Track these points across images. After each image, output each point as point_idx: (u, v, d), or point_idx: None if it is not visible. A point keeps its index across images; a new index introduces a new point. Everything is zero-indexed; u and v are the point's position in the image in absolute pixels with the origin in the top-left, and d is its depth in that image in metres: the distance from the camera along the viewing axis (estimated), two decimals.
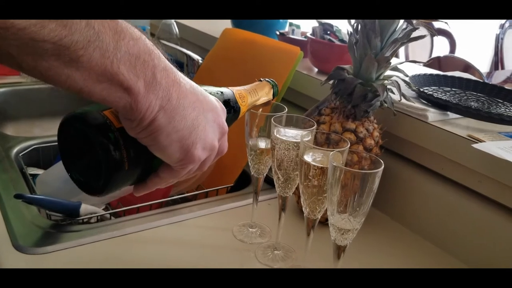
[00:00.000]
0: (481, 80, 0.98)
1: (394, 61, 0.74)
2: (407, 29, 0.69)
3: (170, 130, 0.44)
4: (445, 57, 1.80)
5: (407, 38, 0.68)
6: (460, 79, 0.97)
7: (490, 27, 3.57)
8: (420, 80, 0.94)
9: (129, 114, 0.42)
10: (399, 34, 0.70)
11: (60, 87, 0.38)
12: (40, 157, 1.02)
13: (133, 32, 0.40)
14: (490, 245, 0.73)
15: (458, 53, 2.90)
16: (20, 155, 0.97)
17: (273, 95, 0.66)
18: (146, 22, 1.50)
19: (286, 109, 0.70)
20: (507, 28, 3.35)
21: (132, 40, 0.39)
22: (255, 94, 0.63)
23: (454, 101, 0.84)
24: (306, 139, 0.63)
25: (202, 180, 0.97)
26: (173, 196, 0.90)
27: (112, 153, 0.44)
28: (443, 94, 0.91)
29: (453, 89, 0.95)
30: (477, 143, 0.70)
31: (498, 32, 3.28)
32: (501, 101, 0.92)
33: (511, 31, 3.38)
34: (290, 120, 0.70)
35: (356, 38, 0.72)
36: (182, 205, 0.84)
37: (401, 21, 0.69)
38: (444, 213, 0.78)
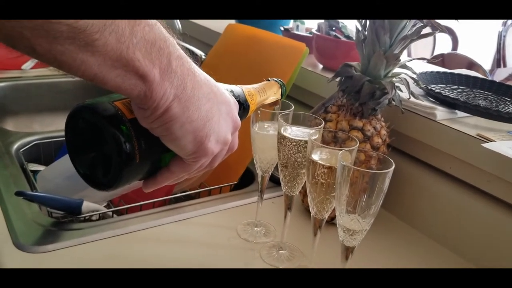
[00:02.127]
0: (489, 78, 0.96)
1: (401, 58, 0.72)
2: (417, 26, 0.67)
3: (184, 120, 0.42)
4: (449, 54, 1.79)
5: (417, 35, 0.67)
6: (467, 77, 0.96)
7: (493, 24, 3.55)
8: (427, 78, 0.92)
9: (143, 102, 0.40)
10: (409, 31, 0.68)
11: (74, 74, 0.37)
12: (41, 153, 1.00)
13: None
14: (498, 245, 0.72)
15: (460, 50, 2.89)
16: (21, 151, 0.96)
17: (281, 95, 0.65)
18: None
19: (293, 107, 0.69)
20: (509, 25, 3.33)
21: (147, 26, 0.38)
22: (264, 93, 0.62)
23: (462, 99, 0.82)
24: (314, 137, 0.61)
25: (205, 178, 0.95)
26: (176, 193, 0.89)
27: (123, 145, 0.42)
28: (451, 92, 0.90)
29: (460, 87, 0.94)
30: (486, 142, 0.69)
31: (500, 30, 3.26)
32: (509, 99, 0.90)
33: None
34: (297, 117, 0.68)
35: (365, 34, 0.71)
36: (186, 203, 0.83)
37: None
38: (452, 213, 0.77)
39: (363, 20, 0.70)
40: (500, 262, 0.71)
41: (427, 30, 0.71)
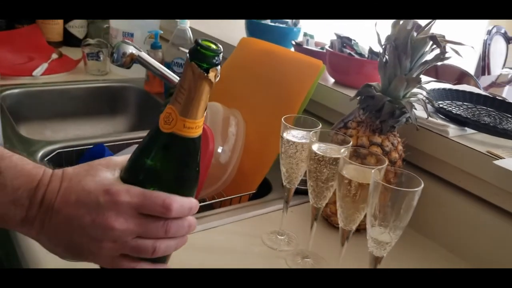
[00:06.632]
0: (490, 96, 1.03)
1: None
2: (436, 51, 0.73)
3: (59, 251, 0.50)
4: (442, 65, 1.87)
5: (436, 61, 0.72)
6: (471, 93, 1.02)
7: (478, 33, 3.67)
8: (434, 95, 0.98)
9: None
10: (427, 55, 0.74)
11: None
12: (63, 161, 1.03)
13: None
14: (505, 253, 0.78)
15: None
16: (46, 159, 0.99)
17: (213, 64, 0.44)
18: (156, 25, 1.51)
19: (320, 125, 0.74)
20: (494, 34, 3.45)
21: None
22: (182, 95, 0.44)
23: (469, 116, 0.89)
24: (345, 155, 0.66)
25: (223, 187, 1.00)
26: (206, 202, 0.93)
27: None
28: (457, 108, 0.96)
29: (465, 103, 1.00)
30: (497, 159, 0.75)
31: (485, 38, 3.37)
32: (510, 116, 0.97)
33: (497, 38, 3.49)
34: (323, 135, 0.73)
35: (386, 58, 0.76)
36: (211, 212, 0.87)
37: (430, 43, 0.73)
38: (460, 222, 0.83)
39: (385, 44, 0.76)
40: (502, 264, 0.78)
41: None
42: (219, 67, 0.45)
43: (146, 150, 0.48)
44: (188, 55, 0.44)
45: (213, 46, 0.44)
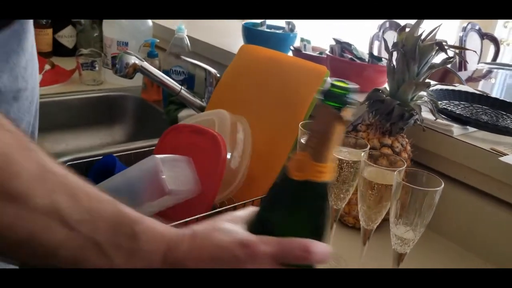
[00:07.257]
0: (484, 94, 1.08)
1: None
2: (441, 55, 0.77)
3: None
4: None
5: (443, 65, 0.76)
6: (466, 93, 1.07)
7: (452, 29, 3.78)
8: (434, 96, 1.03)
9: None
10: (433, 60, 0.78)
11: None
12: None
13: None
14: (506, 240, 0.83)
15: None
16: None
17: (345, 103, 0.44)
18: (149, 34, 1.52)
19: None
20: (468, 30, 3.56)
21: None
22: (314, 139, 0.43)
23: (468, 115, 0.93)
24: (365, 158, 0.70)
25: (234, 193, 1.02)
26: (216, 209, 0.95)
27: None
28: (456, 107, 1.00)
29: (461, 102, 1.05)
30: (501, 155, 0.80)
31: (461, 35, 3.48)
32: (504, 113, 1.02)
33: (472, 34, 3.60)
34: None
35: (394, 64, 0.80)
36: None
37: (436, 48, 0.77)
38: (467, 217, 0.88)
39: (392, 51, 0.79)
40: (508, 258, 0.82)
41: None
42: (352, 107, 0.44)
43: (278, 201, 0.47)
44: (320, 97, 0.45)
45: (344, 85, 0.45)
